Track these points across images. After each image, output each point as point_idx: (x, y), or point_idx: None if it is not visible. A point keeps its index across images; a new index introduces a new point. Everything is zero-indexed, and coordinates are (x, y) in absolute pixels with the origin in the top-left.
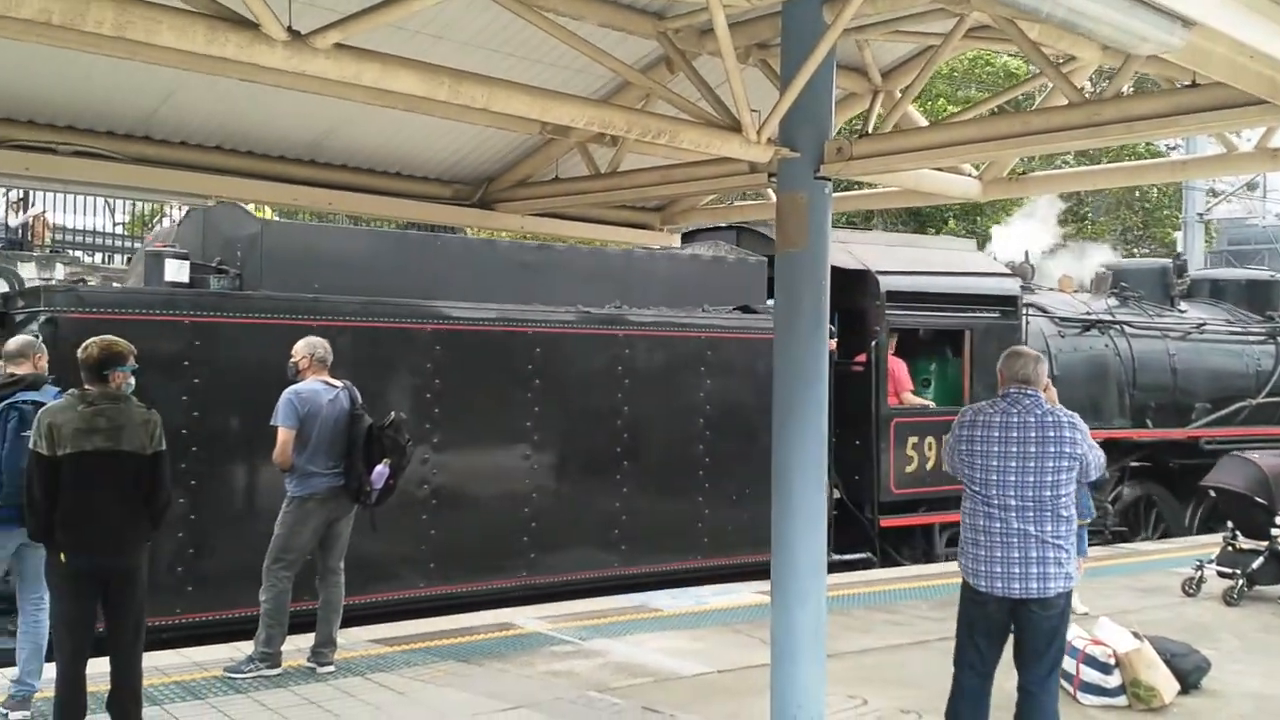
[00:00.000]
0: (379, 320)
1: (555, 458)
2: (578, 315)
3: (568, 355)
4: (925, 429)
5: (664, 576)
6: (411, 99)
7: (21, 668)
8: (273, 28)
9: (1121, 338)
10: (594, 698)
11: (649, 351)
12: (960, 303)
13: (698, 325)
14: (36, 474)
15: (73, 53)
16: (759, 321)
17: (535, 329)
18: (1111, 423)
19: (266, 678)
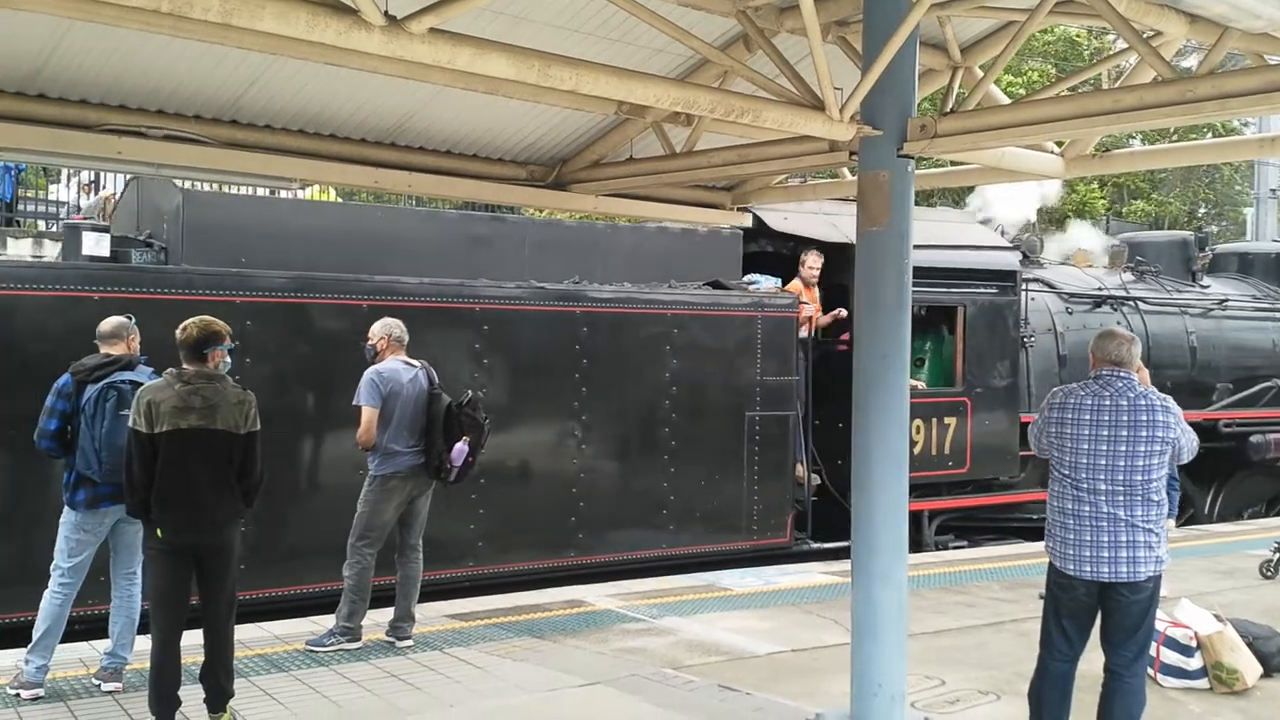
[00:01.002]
0: (310, 296)
1: (504, 441)
2: (529, 290)
3: (518, 333)
4: (911, 411)
5: (622, 566)
6: (501, 82)
7: (115, 640)
8: (371, 13)
9: (1135, 315)
10: (669, 675)
11: (609, 329)
12: (953, 277)
13: (662, 302)
14: (135, 451)
15: (162, 39)
16: (730, 298)
17: (482, 304)
18: None
19: (347, 651)
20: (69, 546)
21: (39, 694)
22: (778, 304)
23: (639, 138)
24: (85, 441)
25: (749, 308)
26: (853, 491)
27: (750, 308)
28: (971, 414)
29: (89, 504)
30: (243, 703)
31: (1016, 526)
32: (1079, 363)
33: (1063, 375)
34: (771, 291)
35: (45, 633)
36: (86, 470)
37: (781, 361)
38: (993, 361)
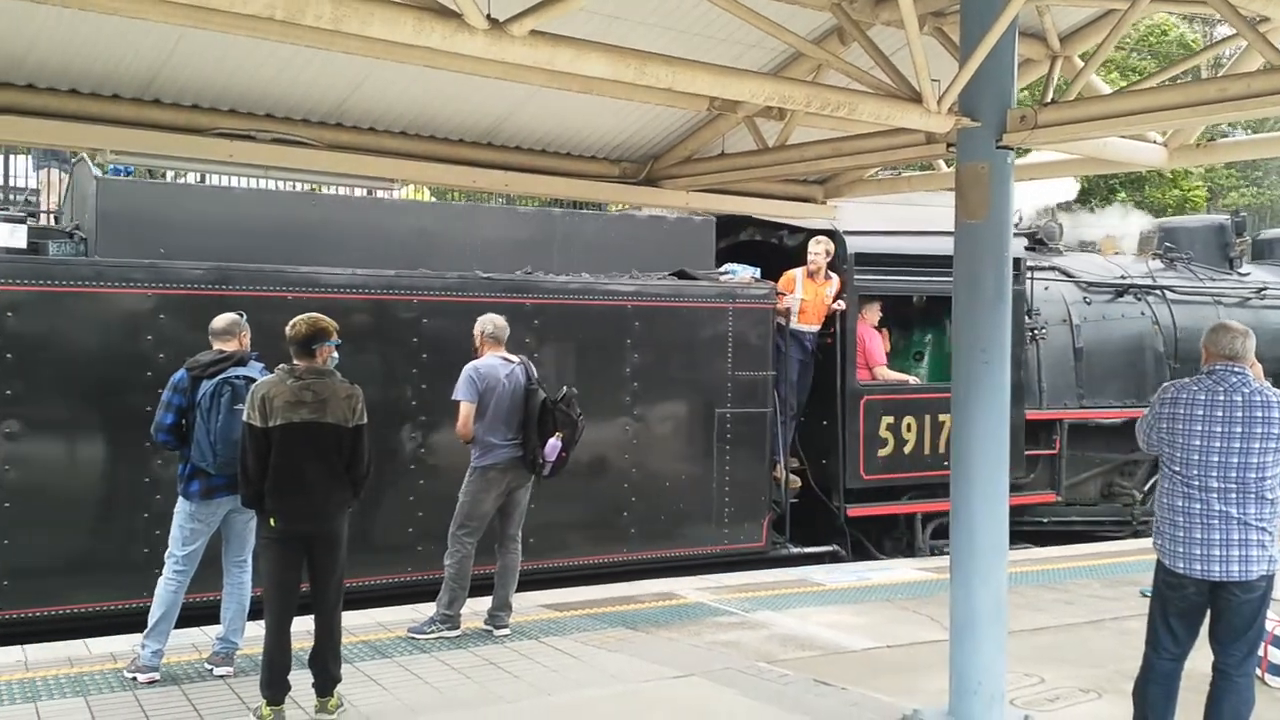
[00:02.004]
0: (229, 288)
1: (447, 442)
2: (472, 281)
3: (460, 326)
4: (902, 407)
5: (576, 573)
6: (597, 81)
7: (226, 626)
8: (474, 17)
9: (1162, 304)
10: (763, 668)
11: (562, 322)
12: (947, 265)
13: (622, 292)
14: (250, 444)
15: (271, 45)
16: (696, 288)
17: (421, 296)
18: (1145, 399)
19: (447, 639)
20: (183, 535)
21: (155, 677)
22: (751, 294)
23: (730, 133)
24: (200, 435)
25: (718, 298)
26: (952, 489)
27: (720, 298)
28: None
29: (203, 495)
30: (349, 687)
31: (1027, 530)
32: (1097, 355)
33: (1078, 369)
34: (744, 281)
35: (160, 618)
36: (201, 462)
37: (756, 355)
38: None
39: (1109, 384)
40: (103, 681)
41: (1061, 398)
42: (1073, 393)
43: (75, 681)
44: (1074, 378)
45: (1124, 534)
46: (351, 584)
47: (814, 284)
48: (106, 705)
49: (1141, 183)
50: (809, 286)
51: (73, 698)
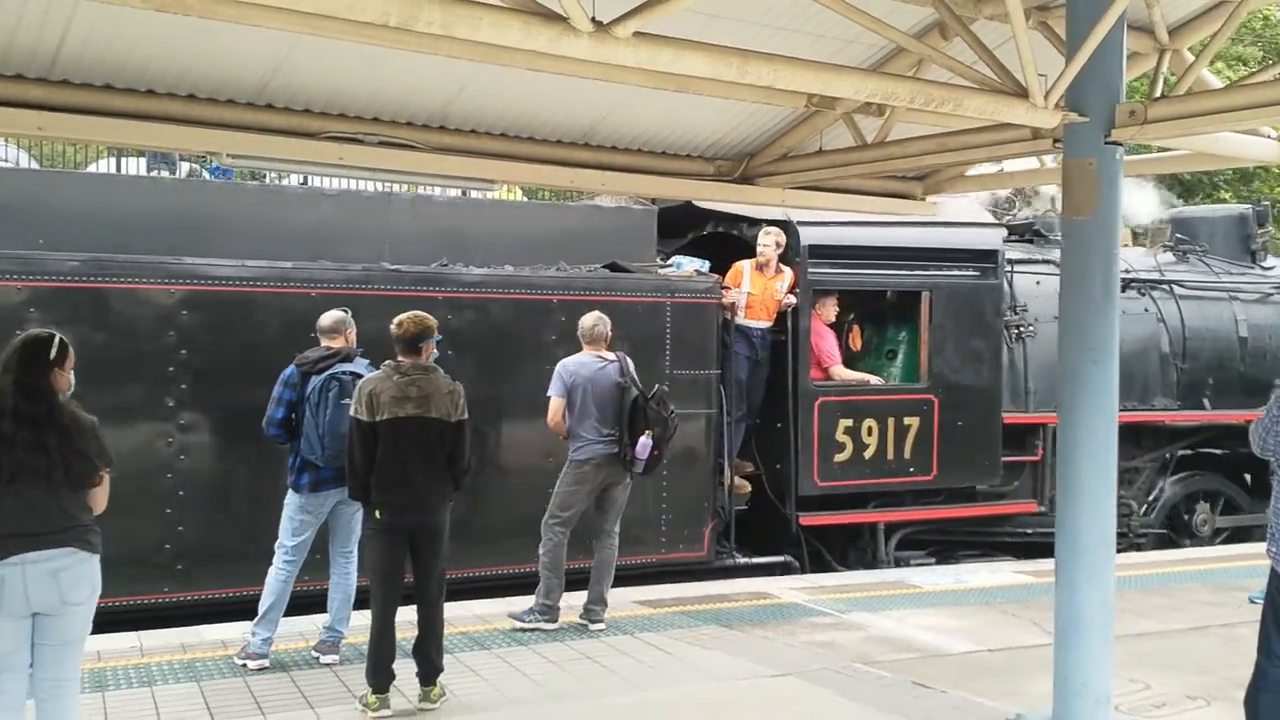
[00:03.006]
0: (107, 280)
1: None
2: (378, 273)
3: (366, 321)
4: (862, 410)
5: (497, 582)
6: (695, 80)
7: (333, 615)
8: (579, 20)
9: (1169, 300)
10: (860, 670)
11: (478, 317)
12: (916, 258)
13: (546, 286)
14: (357, 439)
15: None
16: (628, 281)
17: (320, 290)
18: (1149, 403)
19: (544, 632)
20: (293, 526)
21: (264, 664)
22: (692, 288)
23: (828, 129)
24: (309, 429)
25: (654, 292)
26: (1058, 491)
27: (656, 292)
28: (938, 413)
29: (312, 487)
30: (449, 677)
31: (1009, 542)
32: None
33: None
34: (684, 275)
35: (270, 607)
36: (310, 455)
37: (698, 353)
38: (967, 354)
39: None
40: (214, 668)
41: (1051, 400)
42: None
43: (188, 667)
44: None
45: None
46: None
47: (763, 277)
48: (218, 691)
49: (1249, 178)
50: (758, 280)
51: (186, 683)
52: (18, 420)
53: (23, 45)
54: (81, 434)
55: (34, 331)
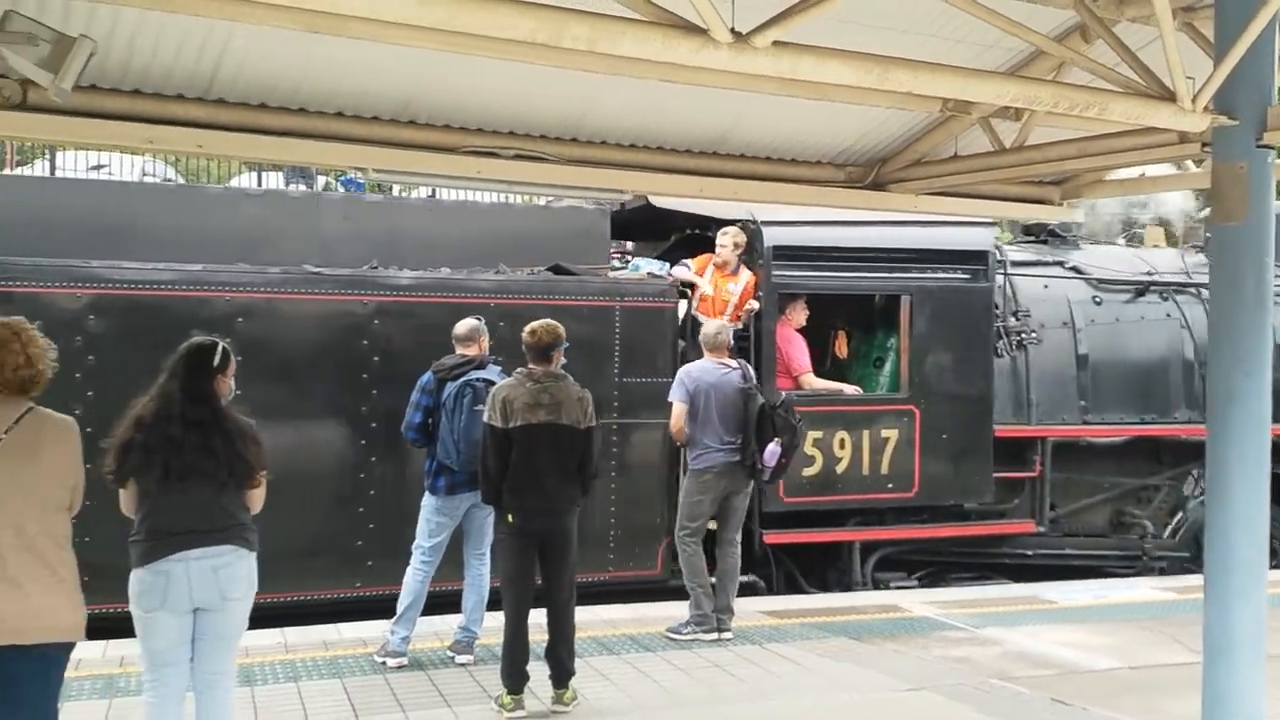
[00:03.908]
0: (12, 284)
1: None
2: (300, 277)
3: (285, 327)
4: (834, 421)
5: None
6: (830, 87)
7: (467, 615)
8: (719, 31)
9: (1196, 304)
10: (996, 685)
11: (408, 323)
12: (895, 260)
13: (482, 289)
14: (490, 444)
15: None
16: (573, 284)
17: (235, 294)
18: (1170, 415)
19: (702, 641)
20: (429, 528)
21: (403, 662)
22: (644, 292)
23: (962, 134)
24: (445, 434)
25: (601, 296)
26: (1208, 505)
27: (604, 296)
28: (920, 426)
29: (448, 490)
30: (580, 681)
31: (1008, 564)
32: (1107, 363)
33: (1081, 379)
34: (635, 278)
35: (408, 606)
36: (446, 459)
37: (650, 359)
38: (953, 362)
39: (1122, 397)
40: (355, 665)
41: (1058, 412)
42: (1073, 406)
43: (330, 664)
44: (1075, 389)
45: (1133, 570)
46: None
47: (720, 277)
48: (360, 687)
49: None
50: (716, 279)
51: (329, 679)
52: (185, 424)
53: (184, 67)
54: (242, 437)
55: (198, 339)
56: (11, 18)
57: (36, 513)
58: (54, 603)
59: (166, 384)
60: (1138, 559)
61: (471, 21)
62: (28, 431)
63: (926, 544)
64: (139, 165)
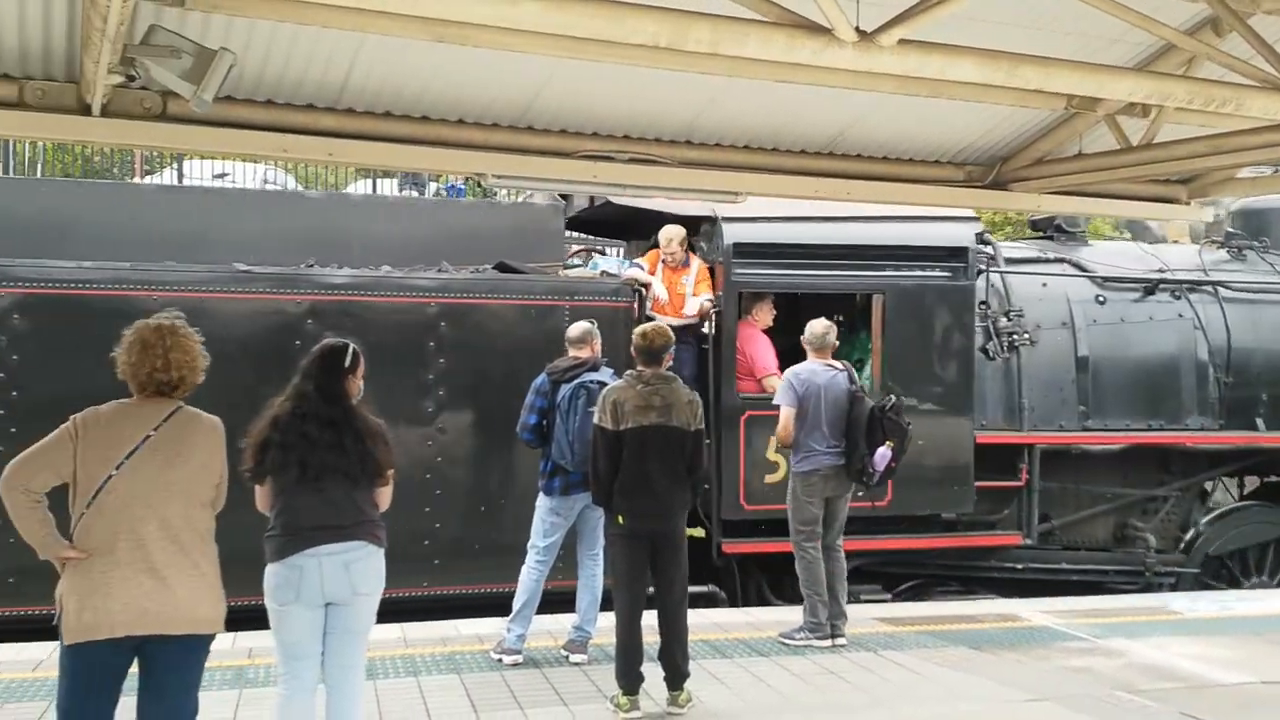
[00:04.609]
0: None
1: None
2: (229, 275)
3: (217, 327)
4: None
5: None
6: (955, 85)
7: (581, 615)
8: (844, 30)
9: (1212, 303)
10: (1122, 698)
11: (345, 323)
12: (867, 257)
13: (423, 288)
14: (601, 445)
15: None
16: (520, 283)
17: (165, 292)
18: (1181, 422)
19: (816, 648)
20: (544, 528)
21: (518, 660)
22: (595, 290)
23: (1087, 132)
24: (560, 435)
25: (550, 295)
26: None
27: (552, 295)
28: None
29: (562, 490)
30: (694, 683)
31: (997, 579)
32: (1111, 366)
33: (1081, 382)
34: (585, 277)
35: (524, 604)
36: (560, 460)
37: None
38: (930, 364)
39: (1127, 402)
40: (472, 661)
41: (1054, 417)
42: (1072, 411)
43: (449, 660)
44: (1075, 393)
45: (1135, 587)
46: None
47: (669, 273)
48: (478, 683)
49: None
50: (665, 274)
51: (448, 674)
52: (320, 423)
53: (314, 78)
54: (372, 436)
55: (330, 341)
56: (155, 31)
57: (181, 507)
58: (196, 595)
59: (301, 384)
60: (1140, 574)
61: (597, 27)
62: (174, 430)
63: (905, 556)
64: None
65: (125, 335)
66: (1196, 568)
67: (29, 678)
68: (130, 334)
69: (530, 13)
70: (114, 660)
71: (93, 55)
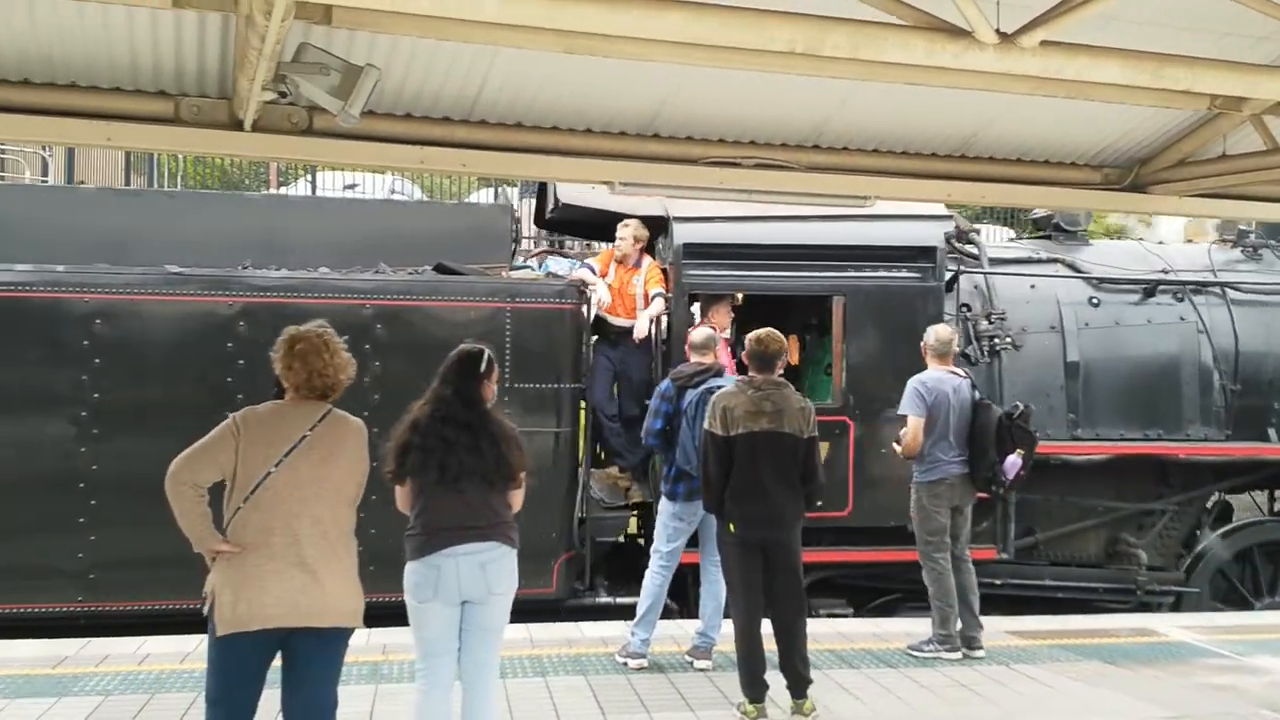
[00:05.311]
0: None
1: (119, 466)
2: (162, 278)
3: (145, 329)
4: None
5: None
6: (1095, 86)
7: (705, 621)
8: (985, 33)
9: (1219, 305)
10: (1269, 717)
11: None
12: (826, 258)
13: (358, 290)
14: (711, 452)
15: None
16: (459, 284)
17: (94, 294)
18: (1181, 432)
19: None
20: (667, 533)
21: (643, 664)
22: (539, 293)
23: (1232, 132)
24: (685, 440)
25: (489, 297)
26: None
27: (493, 296)
28: (854, 440)
29: (686, 496)
30: (821, 693)
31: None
32: (1104, 372)
33: (1071, 389)
34: (529, 279)
35: (648, 609)
36: (685, 465)
37: (547, 364)
38: (895, 369)
39: (1122, 410)
40: (597, 663)
41: (1040, 426)
42: (1060, 420)
43: (574, 661)
44: (1064, 400)
45: (1127, 606)
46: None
47: (623, 272)
48: (604, 685)
49: None
50: (618, 273)
51: (574, 675)
52: (457, 426)
53: (450, 91)
54: (506, 440)
55: (466, 346)
56: (305, 49)
57: (331, 504)
58: (342, 589)
59: (439, 389)
60: (1130, 592)
61: (736, 34)
62: (328, 430)
63: (874, 569)
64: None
65: (283, 340)
66: (1198, 587)
67: (177, 669)
68: (290, 339)
69: (671, 23)
70: (262, 651)
71: (248, 73)
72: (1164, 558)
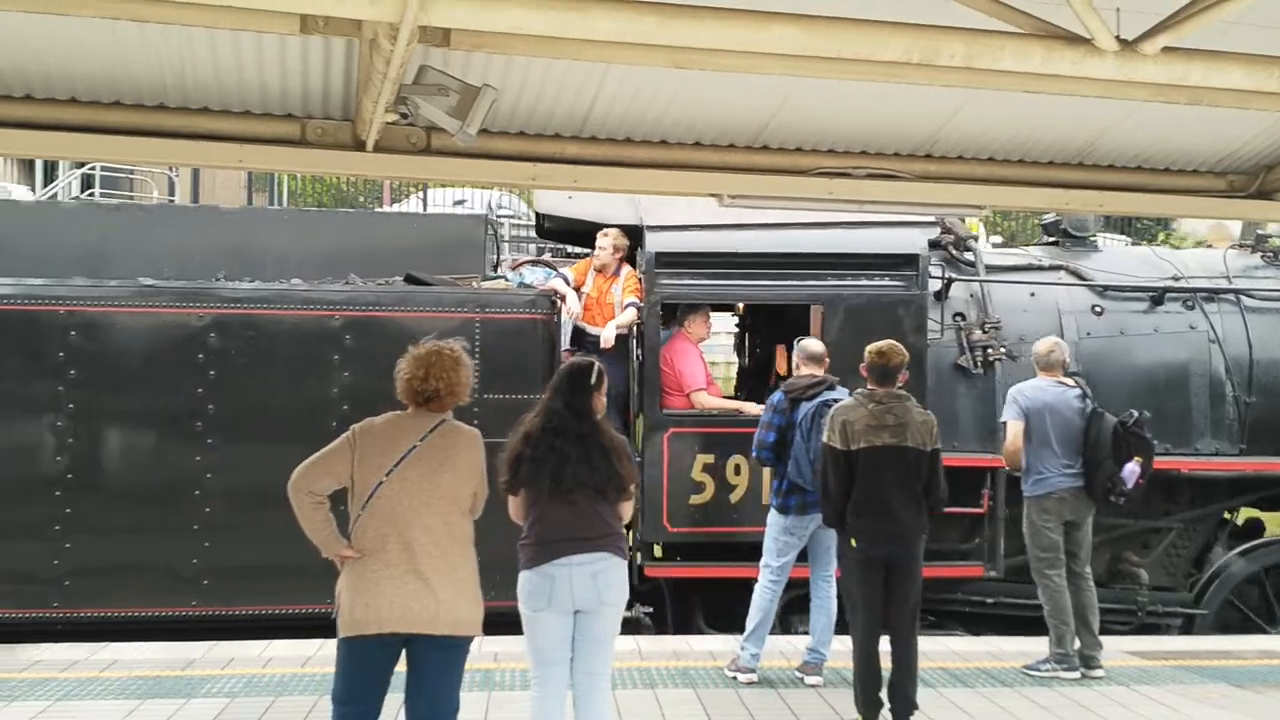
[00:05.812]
0: None
1: (96, 484)
2: (136, 290)
3: (120, 342)
4: (727, 444)
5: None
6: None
7: (816, 637)
8: (1104, 40)
9: (1233, 313)
10: None
11: (248, 337)
12: (805, 267)
13: (328, 301)
14: (831, 466)
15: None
16: (428, 294)
17: (70, 307)
18: (1188, 445)
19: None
20: (777, 547)
21: (753, 679)
22: (510, 303)
23: None
24: (799, 452)
25: (459, 307)
26: None
27: (462, 307)
28: None
29: (798, 509)
30: (936, 711)
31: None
32: (1109, 383)
33: None
34: (500, 289)
35: (758, 624)
36: (798, 478)
37: (518, 375)
38: None
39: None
40: (706, 677)
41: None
42: None
43: (683, 674)
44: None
45: (1128, 628)
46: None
47: (602, 280)
48: (714, 699)
49: None
50: (596, 282)
51: (683, 688)
52: (569, 438)
53: (562, 109)
54: (616, 452)
55: (577, 360)
56: (426, 71)
57: (443, 513)
58: (456, 598)
59: (551, 401)
60: (1131, 614)
61: (848, 45)
62: (440, 440)
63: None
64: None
65: (410, 353)
66: (1209, 610)
67: (299, 672)
68: (419, 353)
69: (782, 35)
70: (382, 654)
71: (371, 96)
72: (1171, 577)
